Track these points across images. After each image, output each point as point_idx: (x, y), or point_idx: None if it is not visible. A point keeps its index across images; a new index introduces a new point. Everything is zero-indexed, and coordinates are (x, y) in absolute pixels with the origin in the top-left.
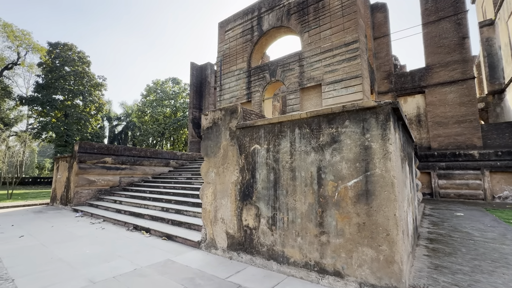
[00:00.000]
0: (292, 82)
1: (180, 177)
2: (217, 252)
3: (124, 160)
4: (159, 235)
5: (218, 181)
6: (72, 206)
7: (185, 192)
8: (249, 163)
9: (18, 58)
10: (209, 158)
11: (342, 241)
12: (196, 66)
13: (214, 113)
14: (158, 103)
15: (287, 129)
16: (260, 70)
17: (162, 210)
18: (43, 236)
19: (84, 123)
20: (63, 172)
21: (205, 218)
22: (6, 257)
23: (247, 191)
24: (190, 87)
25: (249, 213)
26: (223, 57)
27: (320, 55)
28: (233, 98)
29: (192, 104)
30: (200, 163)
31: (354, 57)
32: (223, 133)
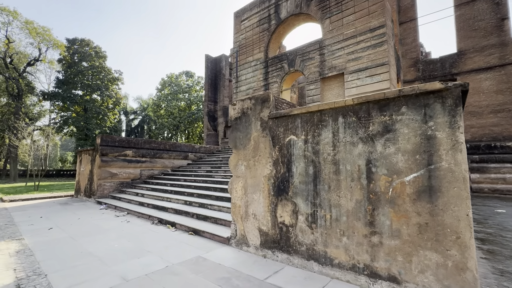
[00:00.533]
0: (312, 71)
1: (200, 170)
2: (249, 250)
3: (144, 153)
4: (185, 230)
5: (249, 174)
6: (95, 198)
7: (206, 185)
8: (283, 155)
9: (40, 54)
10: (238, 150)
11: (399, 243)
12: (210, 58)
13: (243, 103)
14: (172, 96)
15: (328, 118)
16: (278, 60)
17: (185, 203)
18: (71, 228)
19: (102, 117)
20: (86, 165)
21: (235, 214)
22: (38, 251)
23: (282, 186)
24: (205, 80)
25: (284, 209)
26: (239, 48)
27: (342, 42)
28: (250, 89)
29: (207, 97)
30: (218, 157)
31: (380, 43)
32: (253, 123)
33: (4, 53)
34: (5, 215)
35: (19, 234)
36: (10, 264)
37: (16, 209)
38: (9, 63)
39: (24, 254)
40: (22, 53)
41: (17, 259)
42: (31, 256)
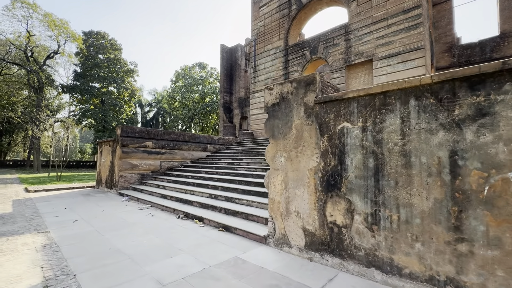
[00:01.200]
0: (336, 59)
1: (220, 162)
2: (291, 251)
3: (164, 144)
4: (214, 226)
5: (290, 167)
6: (117, 190)
7: (230, 178)
8: (334, 145)
9: (59, 47)
10: (277, 140)
11: (499, 255)
12: (226, 48)
13: (282, 86)
14: (187, 88)
15: (395, 101)
16: (299, 48)
17: (210, 197)
18: (96, 221)
19: (119, 109)
20: (106, 156)
21: (273, 210)
22: (65, 246)
23: (333, 181)
24: (221, 70)
25: (336, 208)
26: (257, 36)
27: (371, 26)
28: (269, 79)
29: (223, 88)
30: (237, 148)
31: (415, 26)
32: (295, 110)
33: (25, 46)
34: (30, 205)
35: (44, 227)
36: (37, 261)
37: (40, 200)
38: (30, 56)
39: (51, 249)
40: (42, 46)
41: (43, 255)
42: (57, 252)
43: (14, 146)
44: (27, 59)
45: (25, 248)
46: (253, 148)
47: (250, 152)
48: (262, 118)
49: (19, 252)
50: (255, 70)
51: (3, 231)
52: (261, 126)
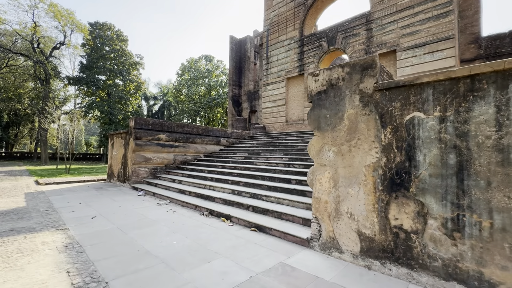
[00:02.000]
0: (356, 49)
1: (236, 156)
2: (343, 257)
3: (177, 137)
4: (244, 225)
5: (341, 163)
6: (130, 183)
7: (250, 173)
8: (400, 139)
9: (65, 37)
10: (323, 132)
11: None
12: (235, 40)
13: (331, 72)
14: (193, 82)
15: (488, 86)
16: (315, 38)
17: (233, 193)
18: (115, 218)
19: (125, 102)
20: (118, 148)
21: (318, 211)
22: (88, 246)
23: (398, 179)
24: (230, 63)
25: (402, 210)
26: (270, 26)
27: (395, 14)
28: (282, 71)
29: (232, 80)
30: (251, 142)
31: (445, 14)
32: (348, 98)
33: (32, 37)
34: (43, 199)
35: (62, 223)
36: (61, 264)
37: (53, 193)
38: (36, 47)
39: (74, 249)
40: (48, 37)
41: (67, 257)
42: (82, 253)
43: (21, 138)
44: (34, 50)
45: (46, 248)
46: (269, 143)
47: (266, 146)
48: (275, 112)
49: (40, 253)
50: (268, 62)
51: (19, 227)
52: (274, 120)
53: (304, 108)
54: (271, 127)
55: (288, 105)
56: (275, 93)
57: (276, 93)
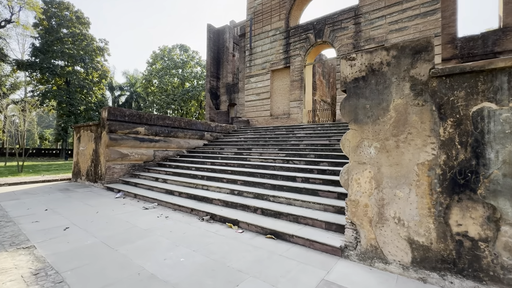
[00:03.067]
0: (344, 43)
1: (224, 152)
2: (389, 268)
3: (158, 130)
4: (257, 231)
5: (385, 161)
6: (104, 183)
7: (246, 170)
8: (465, 133)
9: (12, 14)
10: (362, 125)
11: None
12: (213, 29)
13: (371, 56)
14: (165, 72)
15: None
16: (302, 30)
17: (232, 193)
18: (95, 228)
19: (87, 91)
20: (87, 143)
21: (356, 215)
22: (68, 271)
23: (462, 180)
24: (207, 53)
25: (468, 215)
26: (254, 15)
27: (384, 9)
28: (267, 63)
29: (210, 72)
30: (238, 137)
31: (432, 11)
32: (394, 85)
33: None
34: None
35: (24, 238)
36: None
37: (5, 197)
38: None
39: (48, 278)
40: None
41: None
42: (61, 283)
43: None
44: None
45: (7, 279)
46: (258, 137)
47: (256, 141)
48: (259, 105)
49: None
50: (251, 53)
51: None
52: (258, 113)
53: (290, 102)
54: (255, 121)
55: (273, 98)
56: (259, 86)
57: (260, 86)
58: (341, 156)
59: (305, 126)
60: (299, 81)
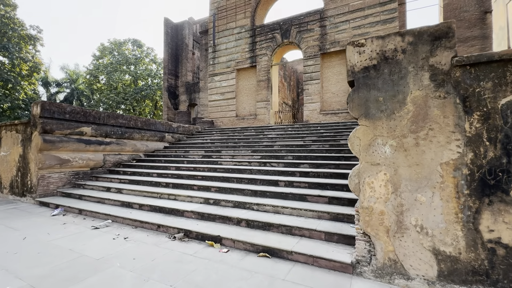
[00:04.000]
0: (310, 45)
1: (189, 155)
2: (412, 285)
3: (108, 131)
4: (246, 249)
5: (403, 161)
6: (36, 197)
7: (219, 175)
8: (494, 128)
9: None
10: (375, 121)
11: None
12: (171, 23)
13: (384, 41)
14: (115, 67)
15: None
16: (268, 29)
17: (207, 202)
18: (19, 263)
19: (13, 86)
20: (11, 146)
21: (370, 225)
22: None
23: (493, 180)
24: (164, 49)
25: (500, 219)
26: (217, 10)
27: (348, 14)
28: (232, 61)
29: (167, 69)
30: (203, 138)
31: (391, 19)
32: (411, 75)
33: None
34: None
35: None
36: None
37: None
38: None
39: None
40: None
41: None
42: None
43: None
44: None
45: None
46: (226, 139)
47: (224, 143)
48: (224, 106)
49: None
50: (215, 50)
51: None
52: (222, 114)
53: (256, 102)
54: (220, 121)
55: (239, 98)
56: (224, 85)
57: (224, 85)
58: (320, 157)
59: (275, 127)
60: (266, 81)
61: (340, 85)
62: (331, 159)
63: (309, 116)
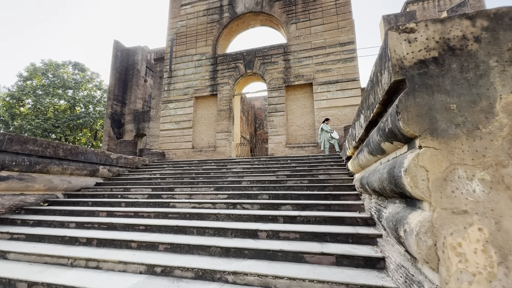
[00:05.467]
0: (274, 77)
1: (131, 194)
2: None
3: (7, 161)
4: None
5: (509, 205)
6: None
7: (169, 223)
8: None
9: None
10: (448, 140)
11: None
12: (122, 47)
13: (444, 26)
14: (46, 91)
15: None
16: (231, 59)
17: (151, 272)
18: None
19: None
20: None
21: None
22: None
23: None
24: (112, 72)
25: None
26: (176, 36)
27: (311, 51)
28: (190, 88)
29: (113, 94)
30: (150, 173)
31: (351, 59)
32: (496, 72)
33: None
34: None
35: None
36: None
37: None
38: None
39: None
40: None
41: None
42: None
43: None
44: None
45: None
46: (180, 173)
47: (179, 178)
48: (178, 136)
49: None
50: (171, 76)
51: None
52: (176, 145)
53: (216, 133)
54: (172, 154)
55: (196, 128)
56: (179, 113)
57: (180, 113)
58: (303, 196)
59: (239, 160)
60: (228, 111)
61: (305, 118)
62: (316, 197)
63: (274, 149)
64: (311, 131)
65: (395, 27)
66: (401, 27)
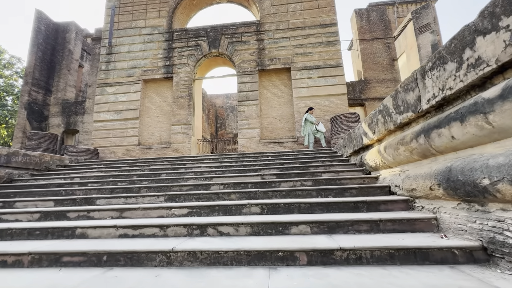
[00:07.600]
0: (246, 59)
1: (10, 214)
2: None
3: None
4: None
5: None
6: None
7: (64, 274)
8: None
9: None
10: None
11: None
12: (48, 21)
13: None
14: None
15: None
16: (191, 35)
17: None
18: None
19: None
20: None
21: None
22: None
23: None
24: (31, 49)
25: None
26: (120, 3)
27: (288, 31)
28: (137, 69)
29: (32, 78)
30: (66, 178)
31: (334, 42)
32: None
33: None
34: None
35: None
36: None
37: None
38: None
39: None
40: None
41: None
42: None
43: None
44: None
45: None
46: (113, 175)
47: (109, 183)
48: (119, 129)
49: None
50: (111, 52)
51: None
52: (116, 141)
53: (172, 126)
54: (110, 152)
55: (144, 120)
56: (122, 99)
57: (123, 100)
58: (319, 206)
59: (202, 157)
60: (187, 98)
61: (283, 109)
62: (341, 208)
63: (245, 145)
64: (290, 124)
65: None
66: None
